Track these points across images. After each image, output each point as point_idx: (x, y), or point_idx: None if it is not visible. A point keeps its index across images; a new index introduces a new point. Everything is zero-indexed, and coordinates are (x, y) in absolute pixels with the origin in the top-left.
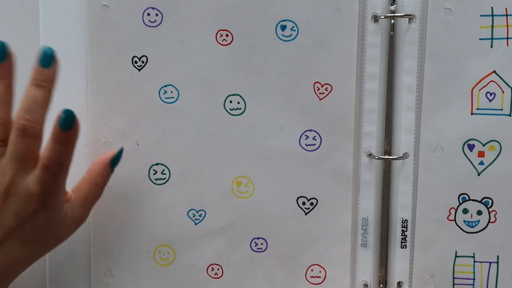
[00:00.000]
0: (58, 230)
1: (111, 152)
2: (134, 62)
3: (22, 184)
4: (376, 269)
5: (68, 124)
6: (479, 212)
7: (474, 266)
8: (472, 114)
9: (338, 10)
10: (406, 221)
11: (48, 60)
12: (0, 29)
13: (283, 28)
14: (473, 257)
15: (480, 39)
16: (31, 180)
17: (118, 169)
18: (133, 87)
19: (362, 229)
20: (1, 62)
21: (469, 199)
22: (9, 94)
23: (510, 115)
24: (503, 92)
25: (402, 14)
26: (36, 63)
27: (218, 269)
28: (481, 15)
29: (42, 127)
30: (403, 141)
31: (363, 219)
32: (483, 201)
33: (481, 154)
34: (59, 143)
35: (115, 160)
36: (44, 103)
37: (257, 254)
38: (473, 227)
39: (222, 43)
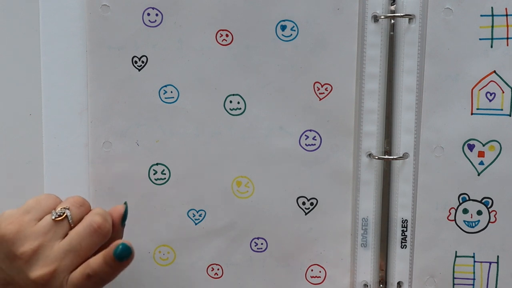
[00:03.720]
0: None
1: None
2: (134, 62)
3: (64, 276)
4: (376, 269)
5: (123, 257)
6: (479, 212)
7: (474, 266)
8: (472, 114)
9: (338, 10)
10: (406, 221)
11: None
12: (0, 29)
13: (283, 28)
14: (473, 257)
15: (480, 39)
16: (72, 277)
17: (118, 169)
18: (133, 87)
19: (362, 229)
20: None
21: (469, 199)
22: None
23: (510, 115)
24: (503, 92)
25: (402, 14)
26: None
27: (218, 269)
28: (481, 15)
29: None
30: (403, 141)
31: (363, 219)
32: (483, 201)
33: (481, 154)
34: (109, 266)
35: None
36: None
37: (257, 254)
38: (473, 227)
39: (222, 43)
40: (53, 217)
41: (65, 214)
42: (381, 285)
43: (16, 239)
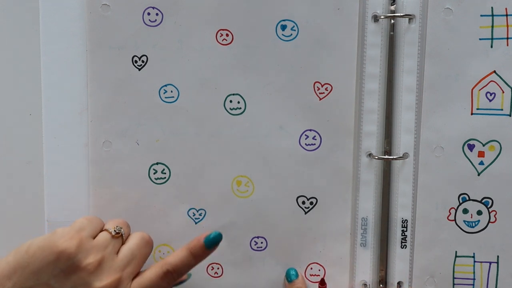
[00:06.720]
0: None
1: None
2: (134, 62)
3: (127, 283)
4: (376, 269)
5: (213, 244)
6: (479, 212)
7: (474, 266)
8: (472, 114)
9: (338, 10)
10: (406, 221)
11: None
12: (0, 29)
13: (283, 28)
14: (473, 257)
15: (480, 39)
16: (135, 283)
17: (118, 168)
18: (133, 86)
19: (361, 229)
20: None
21: (469, 199)
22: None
23: (510, 115)
24: (503, 92)
25: (402, 14)
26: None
27: (218, 268)
28: (481, 15)
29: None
30: (403, 141)
31: (363, 219)
32: (483, 201)
33: (481, 154)
34: (195, 257)
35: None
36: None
37: (257, 253)
38: (473, 227)
39: (222, 42)
40: (113, 234)
41: (121, 232)
42: (380, 285)
43: (78, 252)
